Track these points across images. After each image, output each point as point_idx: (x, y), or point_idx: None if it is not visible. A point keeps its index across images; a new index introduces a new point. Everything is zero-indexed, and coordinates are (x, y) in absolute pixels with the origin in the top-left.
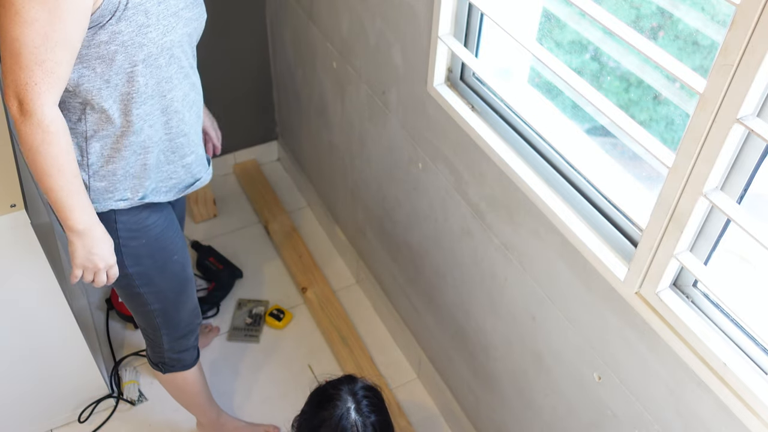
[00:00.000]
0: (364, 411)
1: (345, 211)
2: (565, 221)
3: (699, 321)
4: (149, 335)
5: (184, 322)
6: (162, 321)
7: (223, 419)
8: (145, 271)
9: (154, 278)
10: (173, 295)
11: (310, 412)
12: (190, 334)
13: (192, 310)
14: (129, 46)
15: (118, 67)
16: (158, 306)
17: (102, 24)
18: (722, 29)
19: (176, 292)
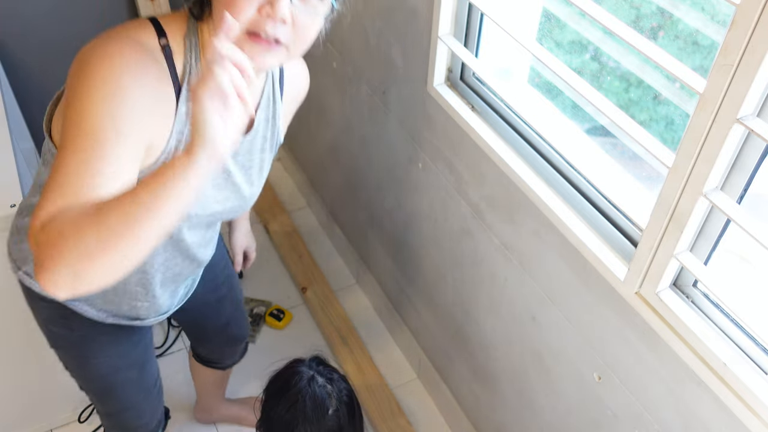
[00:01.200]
0: (326, 374)
1: (345, 211)
2: (565, 221)
3: (699, 321)
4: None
5: (116, 419)
6: (94, 404)
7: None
8: (62, 357)
9: (71, 367)
10: (94, 391)
11: (273, 404)
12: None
13: (127, 413)
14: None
15: None
16: (85, 390)
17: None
18: (722, 29)
19: (98, 389)
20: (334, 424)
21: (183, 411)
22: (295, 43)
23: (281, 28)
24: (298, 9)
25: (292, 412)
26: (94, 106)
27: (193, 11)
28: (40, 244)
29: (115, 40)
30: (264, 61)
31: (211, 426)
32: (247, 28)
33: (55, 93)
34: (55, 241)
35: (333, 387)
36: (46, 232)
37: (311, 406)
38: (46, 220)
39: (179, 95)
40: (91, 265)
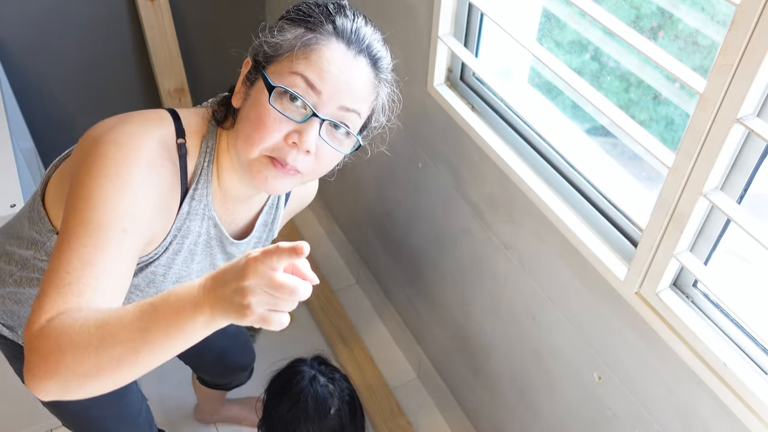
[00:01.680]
0: (327, 373)
1: (345, 211)
2: (565, 221)
3: (699, 321)
4: None
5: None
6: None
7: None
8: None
9: (48, 408)
10: (72, 427)
11: (274, 403)
12: None
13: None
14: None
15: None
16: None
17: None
18: (722, 29)
19: (76, 426)
20: (336, 423)
21: (182, 411)
22: (312, 173)
23: (303, 158)
24: (323, 141)
25: (293, 412)
26: (104, 200)
27: (216, 116)
28: (35, 350)
29: (134, 135)
30: (278, 186)
31: (211, 426)
32: (268, 153)
33: (59, 148)
34: (52, 355)
35: (335, 386)
36: (43, 339)
37: (313, 405)
38: (45, 323)
39: (184, 195)
40: (84, 384)
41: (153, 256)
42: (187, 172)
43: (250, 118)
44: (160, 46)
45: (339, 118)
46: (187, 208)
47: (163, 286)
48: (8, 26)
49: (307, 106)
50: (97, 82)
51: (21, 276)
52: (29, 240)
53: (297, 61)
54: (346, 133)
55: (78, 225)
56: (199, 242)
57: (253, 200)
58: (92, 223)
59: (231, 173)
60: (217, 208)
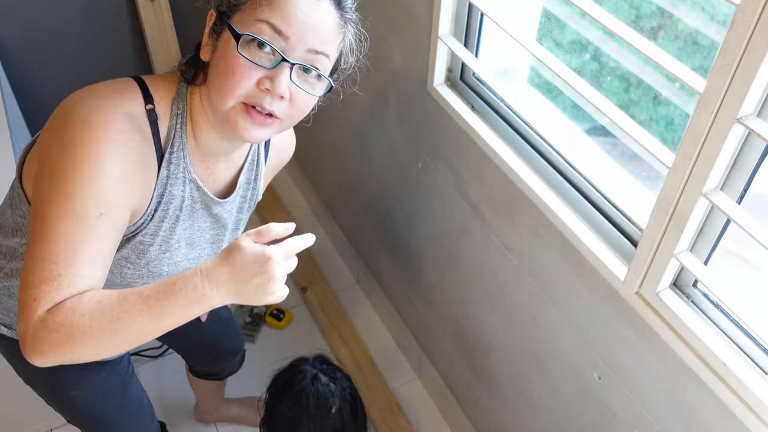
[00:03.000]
0: (329, 372)
1: (345, 211)
2: (565, 221)
3: (699, 321)
4: None
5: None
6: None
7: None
8: (38, 392)
9: (49, 402)
10: (80, 424)
11: (276, 402)
12: None
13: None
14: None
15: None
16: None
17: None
18: (722, 29)
19: (84, 423)
20: (338, 422)
21: (182, 411)
22: (288, 118)
23: (278, 103)
24: (296, 86)
25: (295, 410)
26: (78, 187)
27: (186, 75)
28: (41, 340)
29: (100, 110)
30: (256, 135)
31: (211, 426)
32: (242, 100)
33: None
34: (65, 345)
35: (336, 385)
36: (51, 332)
37: (314, 404)
38: (44, 315)
39: (161, 160)
40: (94, 358)
41: (140, 225)
42: (160, 137)
43: (220, 68)
44: (160, 46)
45: (308, 61)
46: (166, 173)
47: (151, 254)
48: (8, 26)
49: (275, 51)
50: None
51: (11, 268)
52: (13, 227)
53: (261, 9)
54: (318, 76)
55: (57, 213)
56: (184, 207)
57: (233, 155)
58: (69, 212)
59: (208, 130)
60: (196, 169)
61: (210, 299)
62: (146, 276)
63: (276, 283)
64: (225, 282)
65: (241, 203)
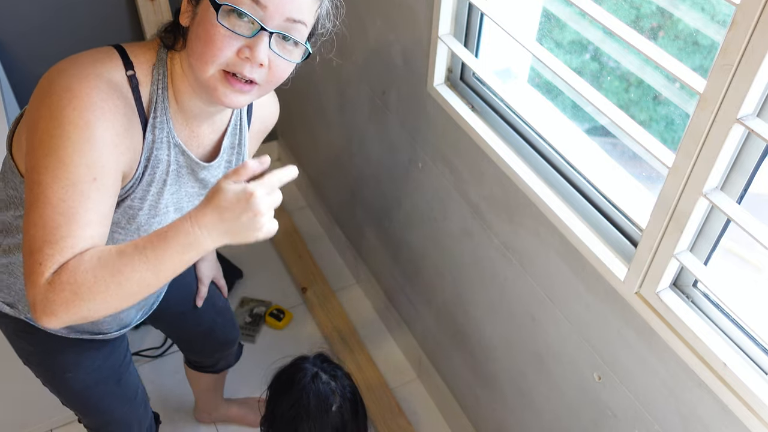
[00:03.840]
0: (330, 371)
1: (345, 210)
2: (565, 221)
3: (699, 321)
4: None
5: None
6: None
7: (221, 408)
8: (36, 372)
9: (47, 383)
10: (74, 406)
11: (277, 401)
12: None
13: (113, 426)
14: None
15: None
16: (66, 405)
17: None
18: (722, 29)
19: (78, 404)
20: (338, 421)
21: (182, 411)
22: (268, 83)
23: (258, 71)
24: (274, 53)
25: (295, 409)
26: (69, 154)
27: (165, 41)
28: (51, 301)
29: (82, 78)
30: (236, 101)
31: (211, 426)
32: (222, 68)
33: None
34: (72, 303)
35: (337, 384)
36: (59, 291)
37: (314, 402)
38: (51, 277)
39: (146, 126)
40: (104, 314)
41: (128, 189)
42: (143, 102)
43: (200, 36)
44: None
45: (286, 29)
46: (151, 137)
47: (141, 219)
48: (8, 26)
49: (254, 21)
50: None
51: (9, 244)
52: (6, 201)
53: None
54: (295, 43)
55: (51, 181)
56: (170, 171)
57: (216, 119)
58: (63, 179)
59: (190, 94)
60: (180, 134)
61: (203, 243)
62: None
63: (263, 218)
64: (213, 224)
65: (226, 167)
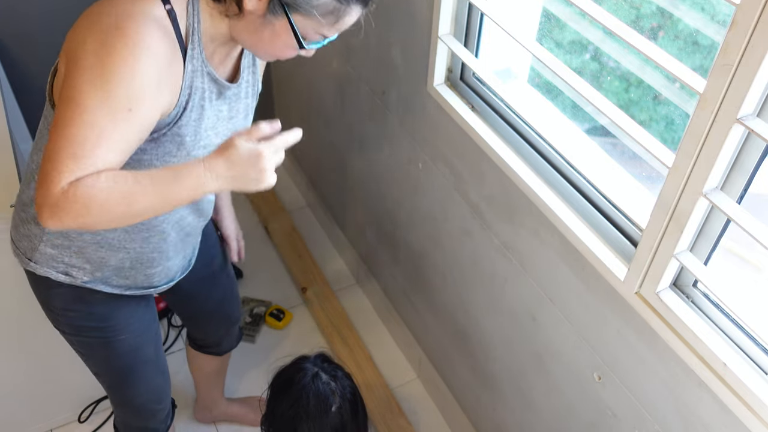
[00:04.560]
0: (330, 371)
1: (345, 211)
2: (565, 221)
3: (699, 321)
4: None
5: (135, 405)
6: (110, 395)
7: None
8: (86, 342)
9: (96, 351)
10: (117, 374)
11: (277, 400)
12: (146, 419)
13: (147, 396)
14: (148, 164)
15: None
16: (103, 379)
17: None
18: (722, 29)
19: (122, 372)
20: (337, 421)
21: (183, 411)
22: None
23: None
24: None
25: (295, 408)
26: (113, 83)
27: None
28: (60, 208)
29: (128, 16)
30: None
31: (211, 426)
32: None
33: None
34: (80, 214)
35: (337, 384)
36: (71, 202)
37: (314, 402)
38: (66, 186)
39: (185, 55)
40: (106, 227)
41: (174, 117)
42: (181, 33)
43: (275, 41)
44: None
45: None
46: (190, 66)
47: (188, 145)
48: (8, 26)
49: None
50: None
51: None
52: None
53: (326, 27)
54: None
55: (89, 103)
56: (205, 97)
57: (234, 44)
58: (101, 104)
59: (219, 20)
60: (209, 59)
61: (210, 185)
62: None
63: (267, 173)
64: (223, 173)
65: (246, 88)
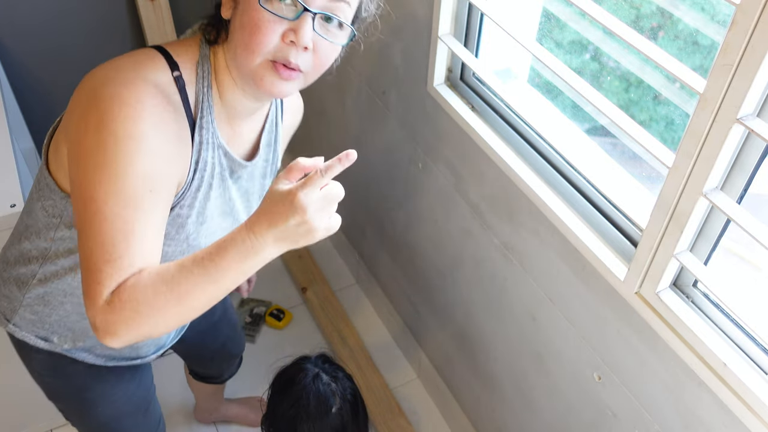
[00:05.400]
0: (331, 372)
1: (345, 210)
2: (565, 221)
3: (699, 321)
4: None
5: None
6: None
7: (221, 408)
8: (62, 407)
9: (72, 417)
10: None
11: (277, 400)
12: None
13: None
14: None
15: None
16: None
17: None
18: (722, 29)
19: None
20: (338, 422)
21: (183, 411)
22: (314, 69)
23: (303, 55)
24: (319, 36)
25: (295, 409)
26: (124, 166)
27: (207, 36)
28: (112, 322)
29: (130, 84)
30: (283, 90)
31: (211, 426)
32: (269, 57)
33: (56, 103)
34: (134, 321)
35: (337, 385)
36: (119, 311)
37: (314, 403)
38: (110, 297)
39: (194, 127)
40: (167, 329)
41: (179, 197)
42: (190, 103)
43: (244, 24)
44: None
45: (330, 9)
46: (198, 138)
47: (189, 227)
48: (8, 26)
49: (297, 2)
50: None
51: (45, 272)
52: (45, 222)
53: None
54: (339, 25)
55: (106, 195)
56: (215, 174)
57: (255, 116)
58: (119, 192)
59: (233, 89)
60: (223, 133)
61: (261, 251)
62: (186, 251)
63: (311, 218)
64: (266, 230)
65: (263, 167)
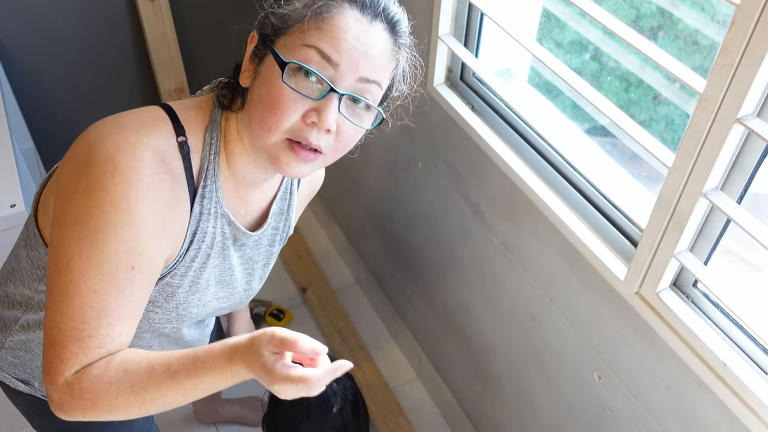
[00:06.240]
0: None
1: (345, 211)
2: (565, 221)
3: (699, 321)
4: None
5: None
6: None
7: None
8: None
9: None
10: None
11: (278, 400)
12: None
13: None
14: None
15: None
16: None
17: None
18: (722, 29)
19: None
20: (339, 422)
21: (183, 411)
22: (334, 151)
23: (324, 137)
24: (343, 117)
25: (296, 409)
26: (107, 239)
27: (222, 100)
28: (67, 405)
29: (128, 147)
30: (299, 171)
31: (211, 426)
32: (287, 136)
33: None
34: (90, 411)
35: (338, 385)
36: (78, 399)
37: (315, 403)
38: (71, 378)
39: (194, 196)
40: (118, 419)
41: (171, 267)
42: (193, 171)
43: (263, 98)
44: (160, 46)
45: (358, 91)
46: (199, 208)
47: (179, 297)
48: (8, 27)
49: (323, 81)
50: (97, 82)
51: (27, 320)
52: (29, 272)
53: (309, 33)
54: (367, 107)
55: (84, 268)
56: (215, 244)
57: (267, 184)
58: (97, 268)
59: (243, 158)
60: (228, 201)
61: (239, 377)
62: (174, 320)
63: (284, 394)
64: (244, 368)
65: (272, 236)
